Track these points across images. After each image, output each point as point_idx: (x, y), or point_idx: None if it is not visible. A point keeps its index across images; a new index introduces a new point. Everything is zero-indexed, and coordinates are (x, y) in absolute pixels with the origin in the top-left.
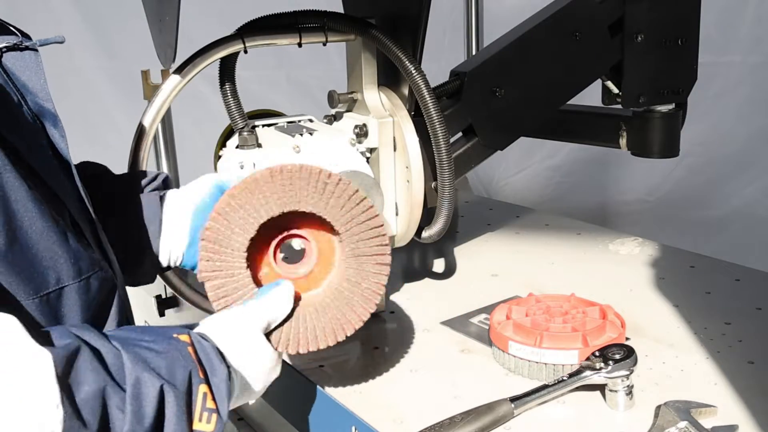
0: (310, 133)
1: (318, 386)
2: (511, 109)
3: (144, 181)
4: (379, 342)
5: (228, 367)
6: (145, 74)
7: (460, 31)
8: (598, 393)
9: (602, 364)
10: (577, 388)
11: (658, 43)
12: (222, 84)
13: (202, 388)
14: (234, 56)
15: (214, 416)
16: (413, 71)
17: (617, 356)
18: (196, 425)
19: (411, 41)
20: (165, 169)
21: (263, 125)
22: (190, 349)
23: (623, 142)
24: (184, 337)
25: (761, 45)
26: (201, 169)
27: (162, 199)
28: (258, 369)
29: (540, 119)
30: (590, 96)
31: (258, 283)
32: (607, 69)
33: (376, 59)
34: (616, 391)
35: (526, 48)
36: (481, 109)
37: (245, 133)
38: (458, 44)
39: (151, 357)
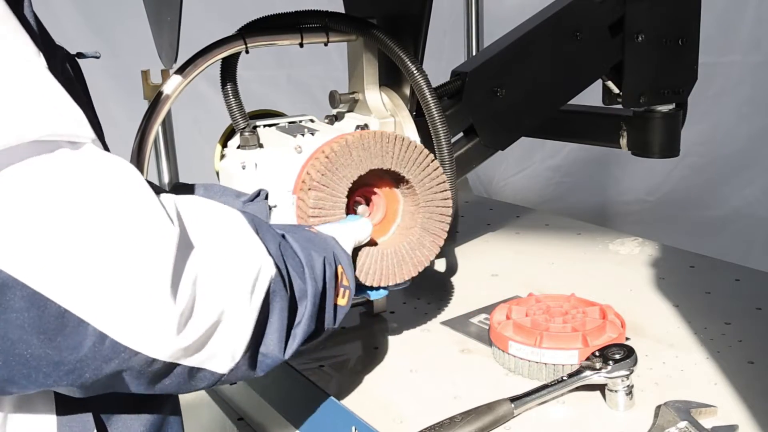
0: (312, 134)
1: (318, 386)
2: (512, 109)
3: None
4: (379, 342)
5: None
6: (145, 74)
7: (460, 31)
8: (598, 393)
9: (602, 364)
10: (577, 388)
11: (659, 43)
12: (223, 84)
13: (339, 268)
14: (235, 56)
15: (347, 292)
16: (415, 71)
17: (617, 356)
18: (337, 301)
19: (412, 41)
20: (165, 169)
21: (264, 125)
22: (322, 237)
23: (623, 142)
24: (314, 230)
25: (761, 45)
26: (201, 169)
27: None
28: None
29: (541, 119)
30: (590, 96)
31: None
32: (607, 69)
33: (377, 59)
34: (616, 391)
35: (527, 48)
36: (482, 109)
37: (246, 134)
38: (458, 44)
39: (307, 235)
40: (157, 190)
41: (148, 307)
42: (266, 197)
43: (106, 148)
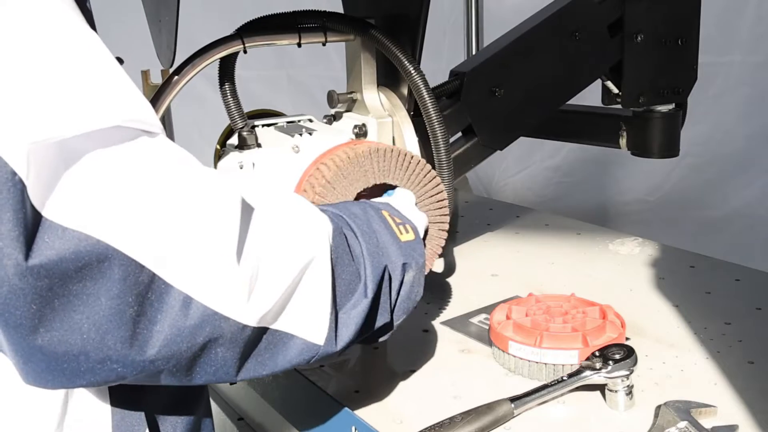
0: (310, 133)
1: (318, 386)
2: (511, 109)
3: None
4: (379, 342)
5: None
6: (145, 74)
7: (460, 31)
8: (598, 393)
9: (602, 364)
10: (577, 388)
11: (658, 43)
12: (221, 84)
13: (384, 212)
14: (233, 56)
15: (408, 226)
16: (412, 71)
17: (617, 356)
18: (402, 238)
19: (410, 41)
20: None
21: (263, 125)
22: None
23: (623, 142)
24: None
25: (761, 45)
26: None
27: None
28: (399, 198)
29: (540, 119)
30: (590, 96)
31: None
32: (606, 69)
33: (375, 59)
34: (616, 391)
35: (526, 48)
36: (481, 109)
37: (245, 133)
38: (458, 44)
39: (336, 205)
40: None
41: (224, 271)
42: None
43: None
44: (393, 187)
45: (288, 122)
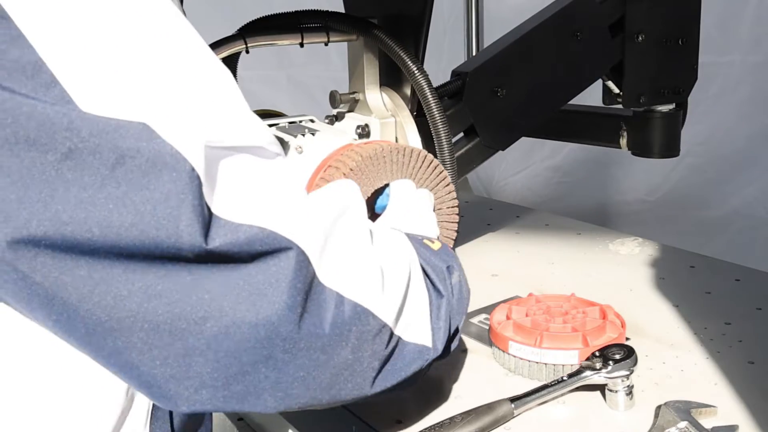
0: (312, 134)
1: None
2: (513, 109)
3: None
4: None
5: None
6: None
7: (460, 31)
8: (598, 393)
9: (602, 364)
10: (577, 388)
11: (659, 43)
12: None
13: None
14: (235, 56)
15: (431, 239)
16: (416, 71)
17: (617, 356)
18: (433, 247)
19: (413, 41)
20: None
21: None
22: None
23: (623, 142)
24: None
25: (761, 45)
26: None
27: None
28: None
29: (541, 119)
30: (590, 96)
31: None
32: (607, 69)
33: (378, 59)
34: (616, 391)
35: (527, 48)
36: (483, 109)
37: None
38: (458, 44)
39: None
40: None
41: (365, 268)
42: None
43: None
44: (381, 191)
45: (290, 123)
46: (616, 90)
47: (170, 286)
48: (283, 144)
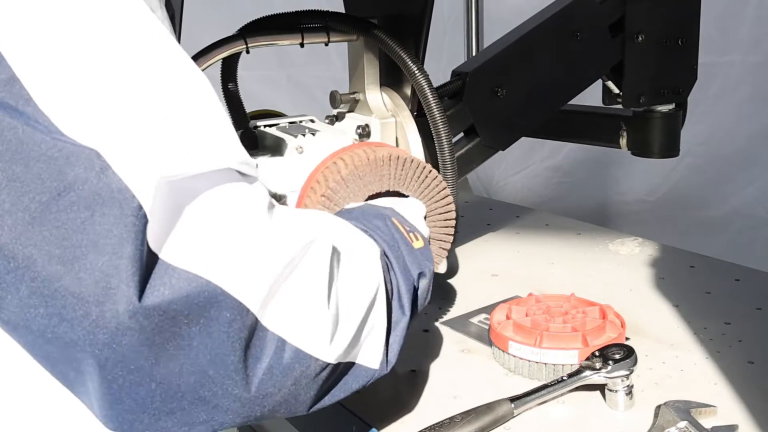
0: (313, 134)
1: None
2: (513, 109)
3: None
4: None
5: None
6: None
7: (460, 31)
8: (598, 393)
9: (602, 364)
10: (577, 388)
11: (659, 43)
12: (223, 84)
13: (393, 219)
14: (236, 56)
15: (417, 234)
16: (416, 71)
17: (617, 356)
18: (414, 245)
19: (413, 41)
20: None
21: (265, 125)
22: (356, 206)
23: (623, 142)
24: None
25: (761, 45)
26: None
27: None
28: (404, 204)
29: (541, 119)
30: (590, 96)
31: None
32: (607, 69)
33: (378, 59)
34: (616, 391)
35: (527, 48)
36: (483, 109)
37: (247, 134)
38: (458, 44)
39: (348, 215)
40: None
41: (315, 316)
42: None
43: None
44: (394, 195)
45: (290, 123)
46: (616, 90)
47: None
48: (276, 143)
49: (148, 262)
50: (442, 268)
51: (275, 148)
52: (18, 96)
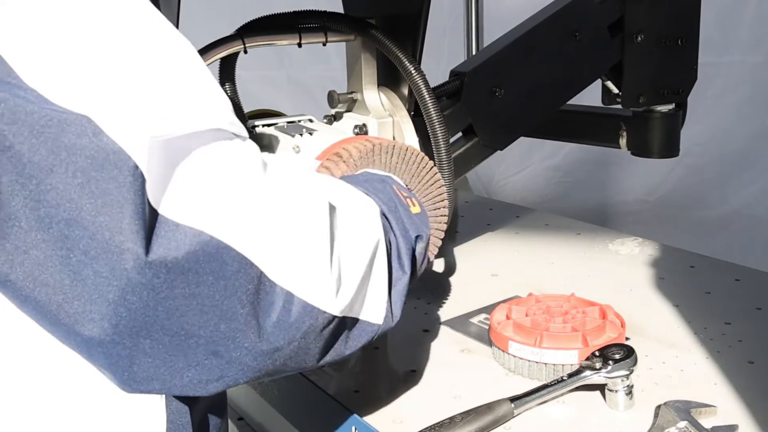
0: (310, 133)
1: (318, 386)
2: (511, 109)
3: None
4: (379, 342)
5: None
6: None
7: (460, 31)
8: (598, 393)
9: (602, 364)
10: (577, 388)
11: (658, 43)
12: (222, 84)
13: (393, 186)
14: (234, 56)
15: (414, 200)
16: (413, 71)
17: (617, 356)
18: (411, 210)
19: (411, 41)
20: None
21: (263, 125)
22: (357, 174)
23: (623, 142)
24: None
25: (761, 45)
26: None
27: None
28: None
29: (540, 119)
30: (590, 96)
31: None
32: (607, 69)
33: (375, 59)
34: (616, 391)
35: (526, 48)
36: (481, 109)
37: None
38: (458, 44)
39: (350, 179)
40: None
41: (320, 270)
42: None
43: None
44: None
45: (288, 122)
46: (616, 90)
47: None
48: (275, 143)
49: (150, 219)
50: (438, 266)
51: (273, 147)
52: (3, 72)
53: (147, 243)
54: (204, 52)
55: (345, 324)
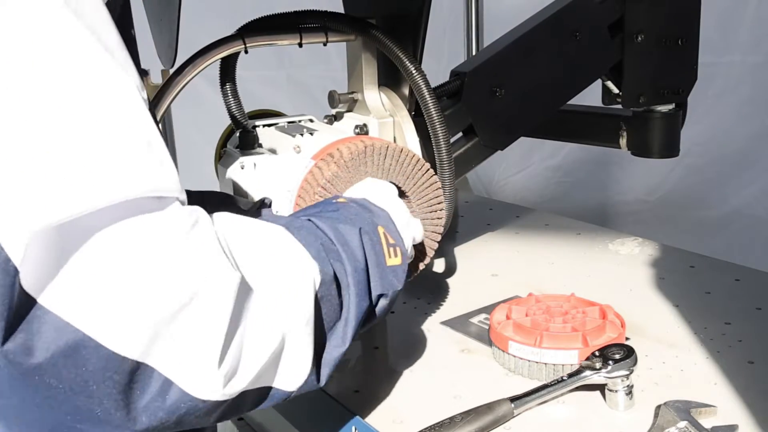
0: (311, 134)
1: None
2: (511, 109)
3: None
4: (379, 342)
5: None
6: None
7: (460, 31)
8: (598, 393)
9: (602, 364)
10: (577, 388)
11: (658, 43)
12: (222, 84)
13: (380, 229)
14: (234, 56)
15: (398, 249)
16: (413, 71)
17: (617, 356)
18: (388, 262)
19: (411, 41)
20: None
21: (263, 125)
22: (353, 204)
23: (623, 142)
24: (341, 200)
25: (761, 45)
26: (200, 169)
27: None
28: (399, 210)
29: (540, 119)
30: (590, 96)
31: None
32: (607, 69)
33: (376, 59)
34: (615, 391)
35: (526, 48)
36: (481, 109)
37: (245, 134)
38: (458, 44)
39: (333, 215)
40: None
41: (207, 358)
42: (269, 205)
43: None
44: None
45: (289, 122)
46: (616, 90)
47: None
48: (275, 143)
49: (23, 307)
50: (438, 267)
51: (273, 147)
52: None
53: (7, 333)
54: (204, 52)
55: (244, 396)
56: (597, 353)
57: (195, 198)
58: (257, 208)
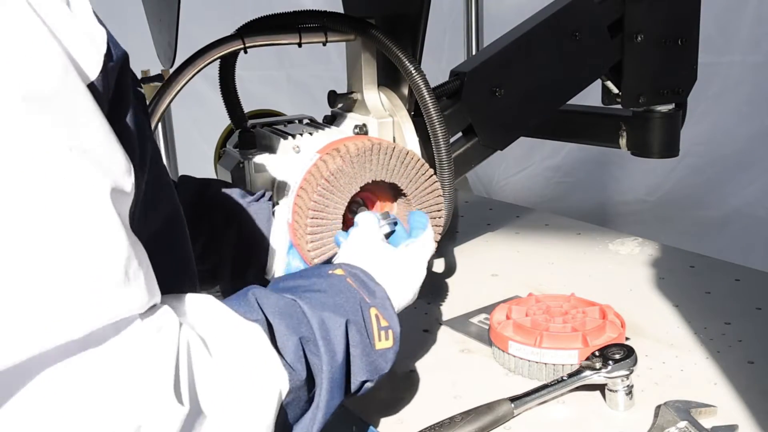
0: (310, 133)
1: None
2: (511, 109)
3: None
4: None
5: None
6: (145, 74)
7: (460, 31)
8: (598, 393)
9: (602, 364)
10: (577, 388)
11: (658, 43)
12: (222, 84)
13: (373, 311)
14: (234, 56)
15: (390, 332)
16: (413, 71)
17: (617, 356)
18: (377, 346)
19: (411, 41)
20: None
21: (263, 125)
22: (348, 280)
23: (623, 142)
24: (338, 271)
25: (761, 45)
26: (200, 168)
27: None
28: (403, 277)
29: (540, 119)
30: (590, 96)
31: None
32: (606, 69)
33: (375, 59)
34: (615, 391)
35: (526, 48)
36: (481, 109)
37: (245, 133)
38: (458, 44)
39: (322, 298)
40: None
41: None
42: (270, 198)
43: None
44: (382, 186)
45: (288, 122)
46: (616, 90)
47: None
48: (275, 143)
49: None
50: (438, 267)
51: (273, 147)
52: None
53: None
54: (204, 52)
55: None
56: (597, 353)
57: (199, 185)
58: (257, 200)
